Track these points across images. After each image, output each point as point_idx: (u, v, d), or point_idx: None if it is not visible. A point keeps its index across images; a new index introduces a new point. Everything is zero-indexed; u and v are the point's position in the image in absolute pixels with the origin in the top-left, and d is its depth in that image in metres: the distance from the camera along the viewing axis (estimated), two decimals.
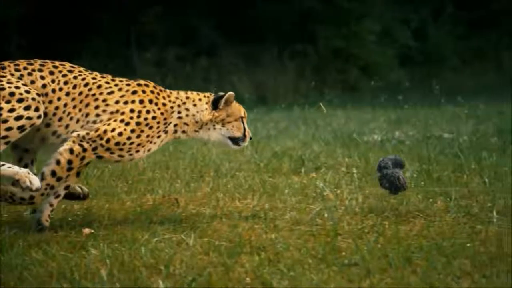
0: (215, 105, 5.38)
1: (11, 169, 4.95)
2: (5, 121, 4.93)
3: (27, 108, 4.96)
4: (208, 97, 5.42)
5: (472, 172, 6.77)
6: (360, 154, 7.50)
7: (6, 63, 5.15)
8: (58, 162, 5.04)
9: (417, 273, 4.30)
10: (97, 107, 5.15)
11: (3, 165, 4.94)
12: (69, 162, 5.04)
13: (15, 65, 5.14)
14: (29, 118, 4.96)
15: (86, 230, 5.00)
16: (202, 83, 19.73)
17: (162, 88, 5.36)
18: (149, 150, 5.24)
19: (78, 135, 5.07)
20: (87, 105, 5.15)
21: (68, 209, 5.66)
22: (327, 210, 5.53)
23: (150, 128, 5.18)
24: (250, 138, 5.52)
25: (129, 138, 5.12)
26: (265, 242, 4.82)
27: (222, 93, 5.44)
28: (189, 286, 4.03)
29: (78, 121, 5.13)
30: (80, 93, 5.15)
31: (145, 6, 20.52)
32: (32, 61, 5.19)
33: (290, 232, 5.08)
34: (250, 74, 21.16)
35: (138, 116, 5.16)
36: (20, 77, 5.08)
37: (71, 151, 5.04)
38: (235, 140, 5.43)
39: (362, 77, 22.54)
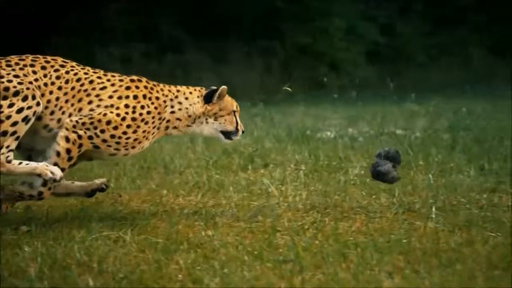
0: (208, 99, 5.41)
1: (29, 165, 4.98)
2: (9, 116, 4.94)
3: (24, 99, 4.98)
4: (199, 90, 5.45)
5: (419, 168, 6.83)
6: (310, 151, 7.53)
7: None
8: (58, 154, 5.07)
9: (349, 269, 4.33)
10: (90, 102, 5.16)
11: (20, 163, 4.98)
12: (68, 151, 5.07)
13: (6, 61, 5.14)
14: (29, 107, 4.98)
15: (23, 228, 4.98)
16: (168, 80, 19.72)
17: (155, 83, 5.38)
18: (143, 147, 5.27)
19: (71, 120, 5.08)
20: (80, 100, 5.16)
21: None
22: (269, 206, 5.55)
23: (146, 123, 5.21)
24: (243, 132, 5.55)
25: (125, 133, 5.14)
26: (203, 239, 4.83)
27: (214, 87, 5.47)
28: (119, 283, 4.03)
29: (70, 115, 5.13)
30: (73, 88, 5.16)
31: (108, 2, 20.43)
32: (23, 57, 5.20)
33: (230, 229, 5.10)
34: (217, 71, 21.14)
35: (134, 112, 5.18)
36: (12, 71, 5.06)
37: (67, 139, 5.07)
38: (227, 134, 5.47)
39: (330, 74, 22.59)
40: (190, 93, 5.41)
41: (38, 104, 5.02)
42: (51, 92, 5.13)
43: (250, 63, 21.37)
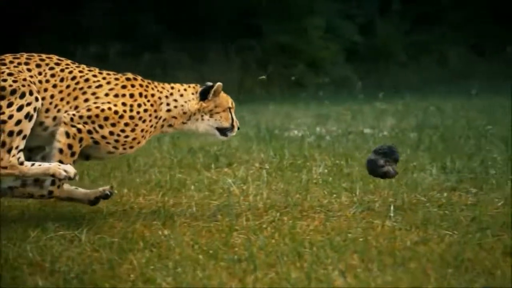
0: (203, 95, 5.42)
1: (42, 166, 4.99)
2: (11, 116, 4.96)
3: (22, 96, 4.99)
4: (194, 87, 5.45)
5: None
6: (276, 149, 7.55)
7: None
8: (60, 151, 5.10)
9: (303, 268, 4.35)
10: (86, 100, 5.18)
11: (32, 164, 5.00)
12: (70, 146, 5.09)
13: (1, 59, 5.14)
14: (29, 104, 4.99)
15: None
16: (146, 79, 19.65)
17: (149, 81, 5.40)
18: (139, 145, 5.30)
19: (68, 114, 5.11)
20: (76, 98, 5.17)
21: None
22: (229, 206, 5.56)
23: (144, 122, 5.24)
24: (238, 128, 5.58)
25: (123, 131, 5.17)
26: (159, 238, 4.83)
27: (210, 83, 5.48)
28: (70, 283, 4.02)
29: (65, 112, 5.14)
30: (68, 86, 5.17)
31: (86, 0, 20.35)
32: (18, 55, 5.20)
33: (187, 228, 5.09)
34: (195, 69, 21.11)
35: (131, 110, 5.21)
36: (7, 69, 5.06)
37: (67, 134, 5.09)
38: (223, 131, 5.49)
39: (309, 72, 22.62)
40: (185, 90, 5.43)
41: (37, 99, 5.04)
42: (45, 90, 5.14)
43: (228, 61, 21.35)
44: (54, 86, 5.16)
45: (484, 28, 25.09)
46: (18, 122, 4.96)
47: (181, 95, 5.39)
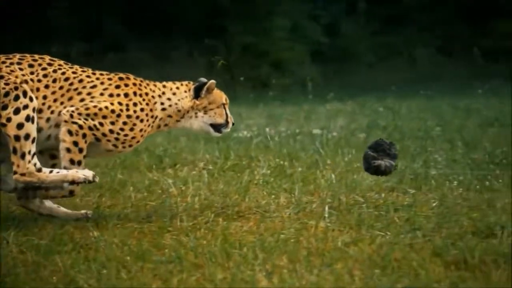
0: (197, 93, 5.42)
1: (60, 173, 5.02)
2: (9, 119, 4.97)
3: (16, 98, 5.00)
4: (186, 85, 5.46)
5: (326, 167, 6.88)
6: (221, 150, 7.54)
7: None
8: (68, 150, 5.12)
9: (230, 269, 4.35)
10: (82, 100, 5.20)
11: (50, 171, 5.03)
12: (75, 143, 5.12)
13: None
14: (26, 106, 5.00)
15: None
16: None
17: (141, 79, 5.41)
18: (137, 143, 5.32)
19: (67, 110, 5.12)
20: (70, 98, 5.19)
21: None
22: (165, 207, 5.54)
23: (141, 121, 5.26)
24: (233, 124, 5.59)
25: (122, 129, 5.19)
26: (89, 240, 4.80)
27: (203, 80, 5.49)
28: None
29: (60, 114, 5.15)
30: (61, 88, 5.18)
31: (51, 0, 20.22)
32: (11, 56, 5.19)
33: (120, 229, 5.07)
34: (159, 70, 21.03)
35: (127, 109, 5.23)
36: None
37: (70, 132, 5.12)
38: (217, 127, 5.50)
39: (273, 73, 22.64)
40: (177, 88, 5.45)
41: (31, 99, 5.04)
42: (37, 89, 5.14)
43: (193, 62, 21.32)
44: (47, 86, 5.17)
45: (451, 29, 25.25)
46: (20, 125, 4.98)
47: (174, 94, 5.41)
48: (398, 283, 4.19)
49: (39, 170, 5.03)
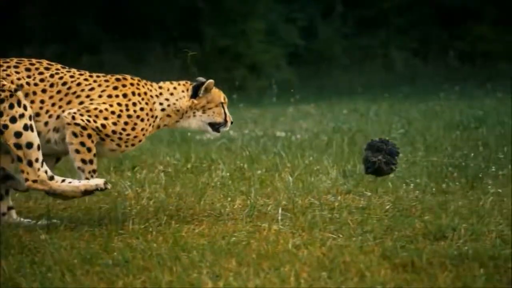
0: (195, 92, 5.44)
1: (71, 184, 5.06)
2: (5, 126, 5.00)
3: (11, 107, 5.01)
4: (184, 85, 5.47)
5: (285, 170, 6.88)
6: (183, 152, 7.53)
7: None
8: (77, 151, 5.17)
9: (176, 272, 4.34)
10: (81, 103, 5.22)
11: (63, 180, 5.06)
12: (82, 144, 5.16)
13: None
14: (22, 115, 5.02)
15: None
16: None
17: (139, 79, 5.42)
18: (140, 142, 5.35)
19: (69, 113, 5.14)
20: (69, 102, 5.21)
21: None
22: (119, 209, 5.52)
23: (142, 120, 5.29)
24: (232, 123, 5.59)
25: (124, 129, 5.22)
26: (38, 243, 4.78)
27: (202, 79, 5.51)
28: None
29: (58, 117, 5.18)
30: (59, 92, 5.21)
31: (25, 2, 20.11)
32: (8, 60, 5.20)
33: (71, 232, 5.05)
34: (135, 72, 20.96)
35: (127, 109, 5.26)
36: None
37: (75, 134, 5.15)
38: (215, 126, 5.51)
39: (249, 76, 22.62)
40: (175, 88, 5.46)
41: (25, 107, 5.06)
42: (34, 93, 5.16)
43: (168, 64, 21.26)
44: (44, 91, 5.19)
45: (427, 32, 25.34)
46: (18, 134, 5.00)
47: (171, 94, 5.44)
48: (344, 285, 4.21)
49: (51, 178, 5.07)
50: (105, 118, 5.20)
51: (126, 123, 5.25)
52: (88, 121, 5.17)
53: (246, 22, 22.97)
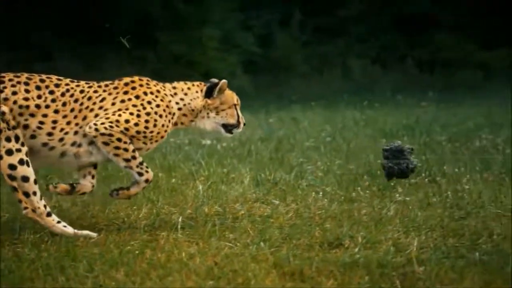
0: (209, 93, 5.45)
1: (65, 228, 5.14)
2: (1, 156, 4.99)
3: (8, 140, 5.03)
4: (198, 85, 5.51)
5: (201, 179, 6.86)
6: None
7: None
8: (116, 155, 5.24)
9: (59, 282, 4.30)
10: (96, 115, 5.24)
11: (58, 222, 5.15)
12: (117, 148, 5.22)
13: (1, 76, 5.15)
14: (18, 150, 5.03)
15: None
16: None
17: (148, 79, 5.44)
18: (162, 138, 5.41)
19: (90, 127, 5.19)
20: (85, 118, 5.23)
21: None
22: (18, 219, 5.46)
23: (160, 116, 5.32)
24: (244, 125, 5.59)
25: (147, 128, 5.27)
26: None
27: (215, 80, 5.53)
28: None
29: (76, 132, 5.22)
30: (72, 110, 5.21)
31: None
32: (19, 74, 5.21)
33: None
34: (88, 79, 20.89)
35: (144, 108, 5.28)
36: (2, 89, 5.08)
37: (105, 144, 5.21)
38: (228, 128, 5.54)
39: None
40: (189, 88, 5.49)
41: (23, 144, 5.06)
42: (45, 115, 5.17)
43: (123, 71, 21.10)
44: (56, 111, 5.19)
45: (386, 40, 25.49)
46: (12, 167, 5.01)
47: (186, 94, 5.47)
48: None
49: (49, 215, 5.12)
50: (126, 121, 5.24)
51: (147, 121, 5.28)
52: (111, 127, 5.21)
53: (202, 30, 22.95)
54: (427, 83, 22.36)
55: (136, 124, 5.26)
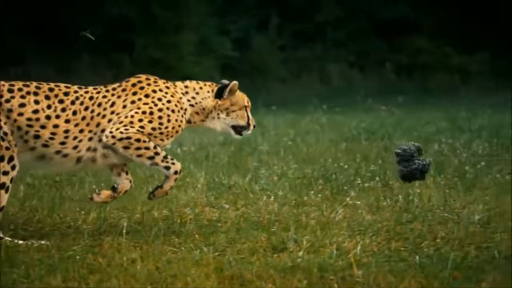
0: (219, 93, 5.46)
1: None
2: None
3: (1, 159, 5.02)
4: (210, 86, 5.53)
5: (153, 183, 6.83)
6: None
7: (1, 83, 5.15)
8: (139, 156, 5.25)
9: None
10: (110, 120, 5.25)
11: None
12: (138, 148, 5.24)
13: (10, 85, 5.16)
14: (5, 173, 5.03)
15: None
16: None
17: (156, 77, 5.47)
18: (177, 133, 5.43)
19: (107, 136, 5.20)
20: (98, 125, 5.24)
21: None
22: None
23: (173, 111, 5.33)
24: (254, 127, 5.60)
25: (161, 124, 5.29)
26: None
27: (226, 81, 5.52)
28: None
29: (91, 139, 5.23)
30: (83, 118, 5.22)
31: None
32: (28, 83, 5.20)
33: None
34: (62, 82, 20.77)
35: (155, 105, 5.29)
36: (11, 99, 5.08)
37: (126, 147, 5.22)
38: (238, 129, 5.55)
39: None
40: (201, 88, 5.51)
41: (13, 167, 5.06)
42: (56, 126, 5.17)
43: (98, 75, 21.06)
44: (67, 121, 5.19)
45: (364, 45, 25.54)
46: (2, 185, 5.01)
47: (197, 93, 5.49)
48: None
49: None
50: (140, 120, 5.26)
51: (160, 117, 5.30)
52: (127, 129, 5.22)
53: (178, 34, 22.92)
54: (405, 87, 22.42)
55: (150, 122, 5.28)
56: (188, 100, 5.47)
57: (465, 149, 7.99)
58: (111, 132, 5.21)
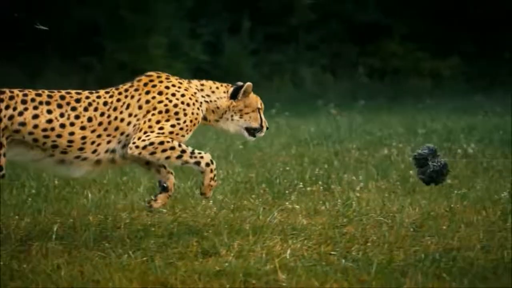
0: (234, 95, 5.46)
1: None
2: None
3: None
4: (225, 86, 5.56)
5: (99, 186, 6.79)
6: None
7: (15, 92, 5.14)
8: (167, 158, 5.23)
9: None
10: (129, 123, 5.25)
11: None
12: (163, 150, 5.21)
13: (24, 95, 5.14)
14: None
15: None
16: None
17: (167, 74, 5.45)
18: (194, 126, 5.40)
19: (131, 148, 5.21)
20: (117, 129, 5.24)
21: None
22: None
23: (188, 105, 5.31)
24: (267, 129, 5.61)
25: (179, 119, 5.26)
26: None
27: (240, 83, 5.53)
28: None
29: (109, 142, 5.23)
30: (100, 124, 5.20)
31: None
32: (40, 91, 5.20)
33: None
34: (30, 86, 20.62)
35: (170, 101, 5.27)
36: (24, 110, 5.07)
37: (152, 153, 5.21)
38: (251, 131, 5.55)
39: None
40: (217, 87, 5.54)
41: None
42: (71, 133, 5.14)
43: (67, 79, 20.92)
44: (83, 128, 5.16)
45: (337, 48, 25.54)
46: None
47: (213, 92, 5.51)
48: None
49: None
50: (158, 122, 5.25)
51: (176, 113, 5.29)
52: (148, 136, 5.20)
53: (148, 37, 22.80)
54: (377, 91, 22.44)
55: (168, 120, 5.27)
56: (203, 97, 5.47)
57: (413, 153, 7.96)
58: (134, 143, 5.22)
